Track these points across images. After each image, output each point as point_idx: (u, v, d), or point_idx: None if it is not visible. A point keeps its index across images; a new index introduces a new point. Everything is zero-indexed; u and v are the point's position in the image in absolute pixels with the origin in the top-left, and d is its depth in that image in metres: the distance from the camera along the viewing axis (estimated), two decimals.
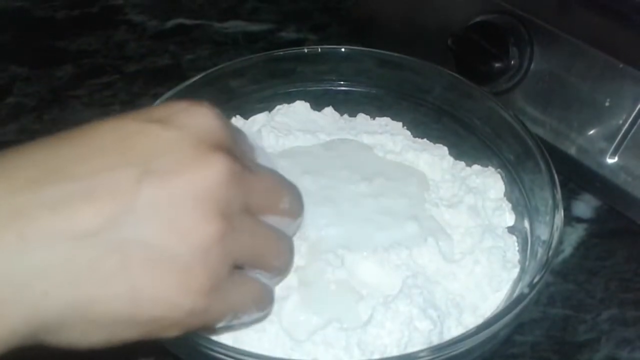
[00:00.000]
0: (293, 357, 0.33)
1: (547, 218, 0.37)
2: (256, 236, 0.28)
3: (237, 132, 0.29)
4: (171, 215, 0.24)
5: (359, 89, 0.50)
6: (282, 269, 0.31)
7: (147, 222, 0.24)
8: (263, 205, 0.29)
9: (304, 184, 0.40)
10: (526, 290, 0.33)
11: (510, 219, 0.42)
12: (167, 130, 0.25)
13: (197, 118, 0.26)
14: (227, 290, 0.26)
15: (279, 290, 0.35)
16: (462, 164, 0.45)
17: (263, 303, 0.30)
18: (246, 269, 0.28)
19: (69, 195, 0.23)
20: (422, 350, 0.31)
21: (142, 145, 0.25)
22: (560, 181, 0.38)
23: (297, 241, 0.37)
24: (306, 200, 0.39)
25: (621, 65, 0.44)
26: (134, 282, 0.24)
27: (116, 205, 0.23)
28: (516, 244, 0.41)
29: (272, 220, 0.30)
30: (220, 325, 0.28)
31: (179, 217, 0.24)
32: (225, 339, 0.33)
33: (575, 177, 0.48)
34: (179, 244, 0.24)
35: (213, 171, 0.25)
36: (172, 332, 0.26)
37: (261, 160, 0.31)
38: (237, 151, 0.27)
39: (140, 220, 0.24)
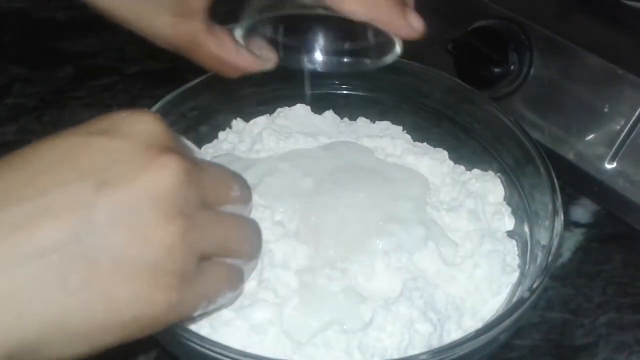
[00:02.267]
0: None
1: (547, 223, 0.37)
2: (218, 227, 0.29)
3: (177, 135, 0.30)
4: (132, 220, 0.25)
5: (359, 93, 0.50)
6: (252, 252, 0.31)
7: (109, 230, 0.24)
8: (217, 197, 0.29)
9: (306, 186, 0.41)
10: (526, 295, 0.33)
11: (509, 223, 0.42)
12: (113, 141, 0.25)
13: (140, 124, 0.26)
14: (198, 280, 0.27)
15: (280, 292, 0.35)
16: (462, 168, 0.46)
17: (234, 283, 0.30)
18: (214, 258, 0.29)
19: (26, 216, 0.23)
20: (422, 353, 0.31)
21: (91, 158, 0.25)
22: (558, 186, 0.39)
23: (298, 245, 0.37)
24: (307, 203, 0.40)
25: (620, 71, 0.45)
26: (106, 288, 0.24)
27: (76, 219, 0.24)
28: (516, 248, 0.41)
29: (227, 209, 0.30)
30: (197, 313, 0.29)
31: (140, 221, 0.25)
32: (224, 339, 0.33)
33: (573, 182, 0.49)
34: (143, 246, 0.25)
35: (166, 173, 0.25)
36: (152, 330, 0.27)
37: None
38: (182, 151, 0.28)
39: (102, 229, 0.24)
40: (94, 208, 0.24)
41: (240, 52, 0.36)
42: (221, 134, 0.48)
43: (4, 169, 0.25)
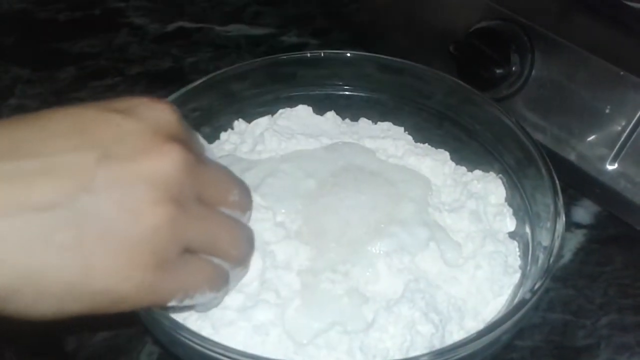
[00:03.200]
0: None
1: (549, 224, 0.37)
2: (209, 223, 0.29)
3: (190, 130, 0.31)
4: (125, 196, 0.26)
5: (360, 94, 0.50)
6: (240, 257, 0.32)
7: (102, 201, 0.25)
8: (215, 197, 0.30)
9: (307, 187, 0.41)
10: (527, 296, 0.33)
11: (511, 224, 0.42)
12: (126, 120, 0.27)
13: (156, 111, 0.28)
14: (177, 269, 0.28)
15: (282, 293, 0.35)
16: (463, 169, 0.46)
17: (216, 284, 0.31)
18: (201, 254, 0.29)
19: (28, 171, 0.25)
20: (424, 355, 0.31)
21: (103, 132, 0.26)
22: (560, 187, 0.39)
23: (300, 246, 0.37)
24: (309, 204, 0.40)
25: (621, 73, 0.44)
26: (86, 254, 0.25)
27: (74, 183, 0.25)
28: (517, 249, 0.41)
29: (224, 211, 0.31)
30: (172, 303, 0.29)
31: (133, 198, 0.26)
32: (226, 340, 0.33)
33: (575, 183, 0.49)
34: (131, 222, 0.26)
35: (168, 159, 0.27)
36: (122, 307, 0.27)
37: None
38: (191, 145, 0.29)
39: (96, 198, 0.25)
40: (92, 176, 0.25)
41: None
42: (223, 135, 0.48)
43: (21, 126, 0.26)
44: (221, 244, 0.30)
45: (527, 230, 0.41)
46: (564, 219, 0.37)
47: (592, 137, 0.47)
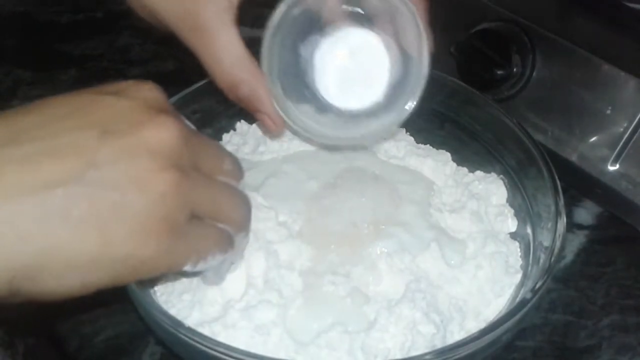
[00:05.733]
0: None
1: (550, 224, 0.37)
2: (211, 188, 0.30)
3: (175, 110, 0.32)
4: (130, 167, 0.27)
5: None
6: (241, 221, 0.33)
7: (109, 174, 0.26)
8: (210, 165, 0.31)
9: (309, 188, 0.41)
10: (528, 296, 0.34)
11: (512, 224, 0.42)
12: (119, 100, 0.28)
13: (144, 91, 0.29)
14: (187, 233, 0.29)
15: (284, 293, 0.35)
16: (464, 169, 0.46)
17: (224, 245, 0.32)
18: (206, 219, 0.30)
19: (34, 153, 0.26)
20: (425, 354, 0.31)
21: (99, 112, 0.28)
22: (561, 188, 0.39)
23: (302, 246, 0.37)
24: (311, 205, 0.40)
25: (622, 74, 0.45)
26: (103, 224, 0.26)
27: (80, 160, 0.26)
28: (519, 249, 0.41)
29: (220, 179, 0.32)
30: (187, 267, 0.30)
31: (138, 168, 0.27)
32: (228, 340, 0.33)
33: (576, 184, 0.49)
34: (139, 191, 0.27)
35: (164, 128, 0.28)
36: (142, 273, 0.28)
37: None
38: (181, 119, 0.30)
39: (103, 172, 0.26)
40: (97, 153, 0.26)
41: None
42: (225, 136, 0.48)
43: (19, 115, 0.27)
44: (224, 209, 0.31)
45: (529, 230, 0.41)
46: (564, 219, 0.37)
47: (593, 138, 0.47)
